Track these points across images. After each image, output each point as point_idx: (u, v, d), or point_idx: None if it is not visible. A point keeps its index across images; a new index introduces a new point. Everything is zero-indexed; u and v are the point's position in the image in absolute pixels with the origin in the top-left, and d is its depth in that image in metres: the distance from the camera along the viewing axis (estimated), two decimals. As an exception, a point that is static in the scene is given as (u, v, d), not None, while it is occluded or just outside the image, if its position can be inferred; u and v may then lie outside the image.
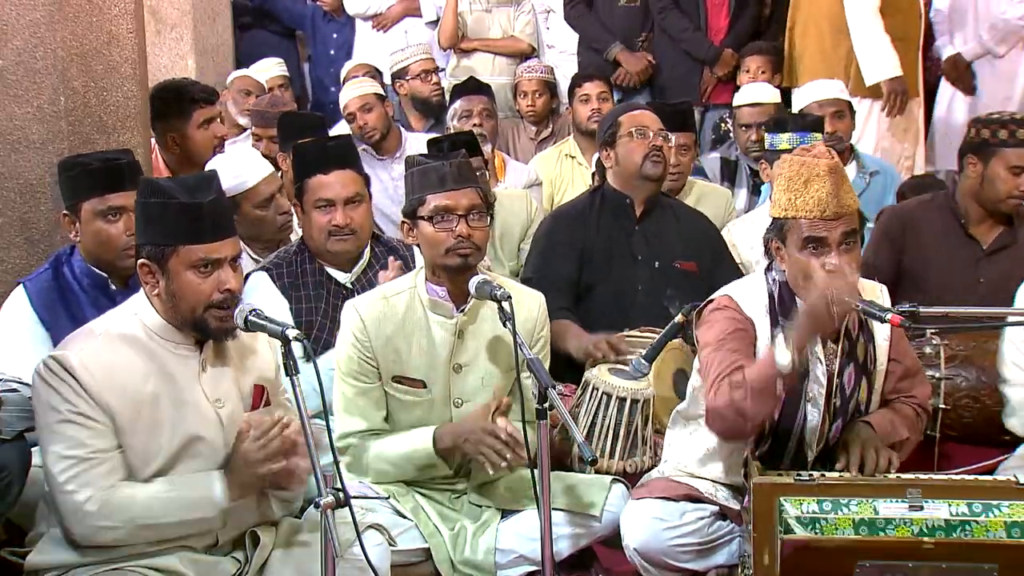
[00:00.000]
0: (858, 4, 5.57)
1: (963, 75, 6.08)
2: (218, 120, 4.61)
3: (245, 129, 6.27)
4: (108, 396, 2.60)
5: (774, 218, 2.99)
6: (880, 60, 5.55)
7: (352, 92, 5.68)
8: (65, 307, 3.39)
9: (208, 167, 3.86)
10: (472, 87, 5.68)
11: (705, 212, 4.52)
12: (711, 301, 3.11)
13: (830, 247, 2.90)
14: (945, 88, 6.20)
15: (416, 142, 5.81)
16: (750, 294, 3.06)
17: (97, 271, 3.42)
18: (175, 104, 4.48)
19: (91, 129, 3.86)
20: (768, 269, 3.08)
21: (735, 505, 3.09)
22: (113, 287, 3.42)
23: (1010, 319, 3.16)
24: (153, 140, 4.48)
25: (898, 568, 2.70)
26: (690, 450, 3.19)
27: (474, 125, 5.30)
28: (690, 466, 3.19)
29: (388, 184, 5.37)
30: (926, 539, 2.68)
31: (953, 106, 6.18)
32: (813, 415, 3.00)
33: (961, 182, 4.00)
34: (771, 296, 3.04)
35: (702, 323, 3.10)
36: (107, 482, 2.59)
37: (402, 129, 5.86)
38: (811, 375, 2.98)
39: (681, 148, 4.73)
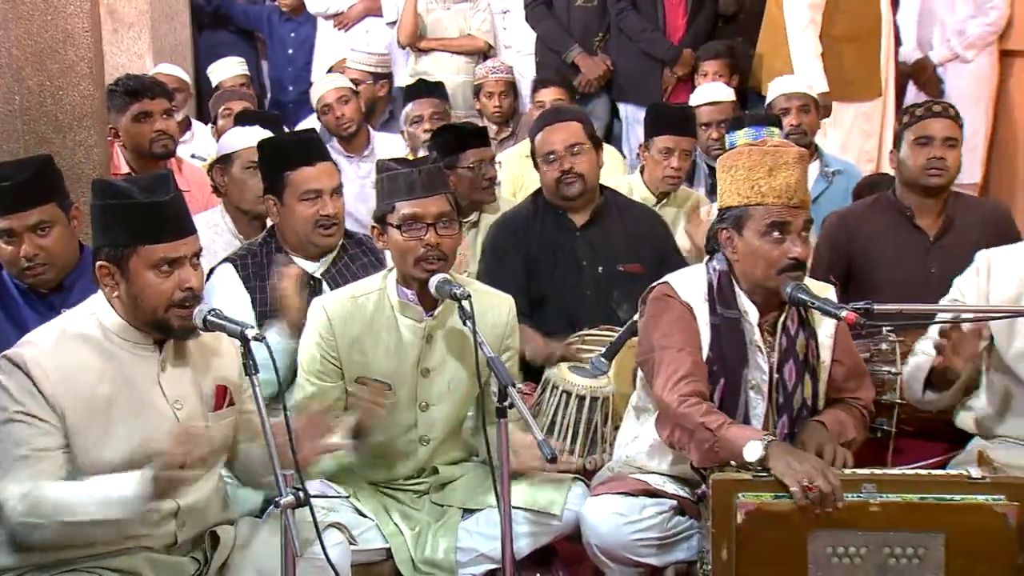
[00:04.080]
0: (794, 14, 5.62)
1: (930, 79, 6.12)
2: (162, 115, 4.52)
3: (190, 126, 6.21)
4: (61, 395, 2.57)
5: (728, 207, 3.05)
6: (808, 73, 5.52)
7: (328, 84, 5.66)
8: (5, 312, 3.35)
9: None
10: (423, 89, 5.64)
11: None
12: (652, 289, 3.18)
13: (793, 233, 2.98)
14: (912, 93, 6.23)
15: (384, 140, 5.78)
16: (689, 282, 3.12)
17: None
18: (117, 96, 4.47)
19: (47, 128, 3.83)
20: (709, 260, 3.14)
21: (686, 494, 3.13)
22: (44, 291, 3.35)
23: (964, 316, 3.19)
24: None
25: (848, 539, 2.78)
26: (640, 442, 3.23)
27: (424, 130, 5.26)
28: (639, 459, 3.22)
29: (355, 182, 5.32)
30: (872, 501, 2.77)
31: None
32: (757, 403, 3.07)
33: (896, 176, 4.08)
34: (710, 285, 3.10)
35: (645, 311, 3.16)
36: (40, 480, 2.52)
37: (369, 128, 5.84)
38: (751, 362, 3.05)
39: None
